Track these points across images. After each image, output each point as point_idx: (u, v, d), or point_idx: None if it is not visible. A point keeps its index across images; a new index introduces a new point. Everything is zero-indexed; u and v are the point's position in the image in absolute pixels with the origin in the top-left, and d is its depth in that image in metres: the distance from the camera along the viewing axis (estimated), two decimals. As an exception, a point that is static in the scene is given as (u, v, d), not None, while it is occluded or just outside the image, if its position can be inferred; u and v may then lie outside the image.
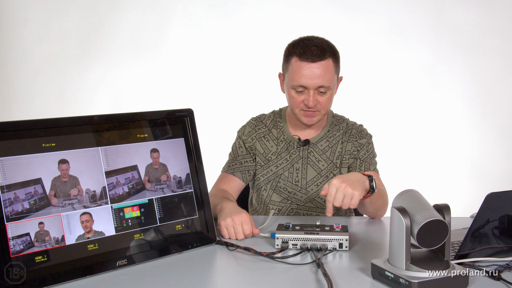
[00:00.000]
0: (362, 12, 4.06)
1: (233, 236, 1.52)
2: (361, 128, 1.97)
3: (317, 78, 1.74)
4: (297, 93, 1.79)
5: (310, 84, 1.75)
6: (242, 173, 1.92)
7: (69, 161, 1.27)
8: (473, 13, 4.01)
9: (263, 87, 4.26)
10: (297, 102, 1.80)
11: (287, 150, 1.93)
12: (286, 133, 1.95)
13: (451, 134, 4.16)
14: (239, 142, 1.98)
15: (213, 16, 4.24)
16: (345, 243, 1.41)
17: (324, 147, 1.92)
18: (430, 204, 1.18)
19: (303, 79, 1.75)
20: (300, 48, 1.76)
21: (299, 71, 1.75)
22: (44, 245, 1.21)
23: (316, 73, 1.74)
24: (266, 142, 1.95)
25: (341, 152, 1.92)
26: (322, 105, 1.79)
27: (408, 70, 4.09)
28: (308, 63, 1.74)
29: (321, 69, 1.74)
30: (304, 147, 1.92)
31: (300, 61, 1.75)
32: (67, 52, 4.42)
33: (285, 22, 4.16)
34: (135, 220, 1.36)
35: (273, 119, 1.99)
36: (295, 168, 1.91)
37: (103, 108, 4.33)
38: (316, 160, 1.91)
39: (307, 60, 1.74)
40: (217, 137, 3.88)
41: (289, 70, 1.80)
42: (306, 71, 1.74)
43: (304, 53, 1.75)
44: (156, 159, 1.42)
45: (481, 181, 4.09)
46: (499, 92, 4.11)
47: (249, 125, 1.99)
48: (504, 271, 1.23)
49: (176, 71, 4.32)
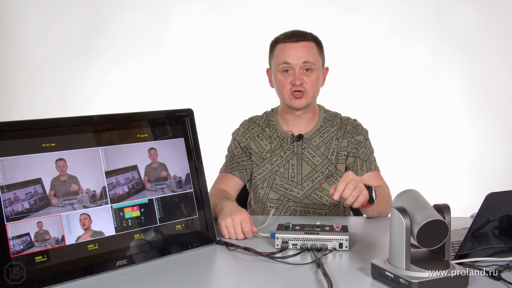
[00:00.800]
0: (362, 12, 4.06)
1: (233, 235, 1.52)
2: (356, 123, 1.98)
3: (301, 56, 1.82)
4: (284, 74, 1.85)
5: (294, 61, 1.82)
6: (240, 172, 1.94)
7: (65, 159, 1.27)
8: (473, 13, 4.01)
9: (263, 87, 4.26)
10: (284, 85, 1.85)
11: (281, 147, 1.94)
12: (279, 130, 1.97)
13: (451, 134, 4.15)
14: (234, 143, 2.00)
15: (213, 16, 4.24)
16: (345, 243, 1.41)
17: (318, 143, 1.93)
18: (430, 204, 1.18)
19: (287, 57, 1.82)
20: (284, 35, 1.88)
21: (283, 51, 1.84)
22: (44, 245, 1.21)
23: (300, 51, 1.82)
24: (260, 141, 1.97)
25: (335, 148, 1.93)
26: (309, 85, 1.84)
27: (408, 70, 4.09)
28: (291, 43, 1.83)
29: (304, 48, 1.83)
30: (298, 143, 1.93)
31: (283, 43, 1.85)
32: (67, 52, 4.42)
33: (285, 22, 4.15)
34: (135, 220, 1.36)
35: (265, 118, 2.02)
36: (291, 164, 1.93)
37: (103, 108, 4.33)
38: (311, 156, 1.93)
39: (290, 41, 1.84)
40: (217, 137, 3.88)
41: (274, 56, 1.88)
42: (290, 50, 1.83)
43: (287, 37, 1.86)
44: (154, 156, 1.42)
45: (481, 181, 4.09)
46: (499, 92, 4.11)
47: (242, 127, 2.02)
48: (504, 271, 1.23)
49: (176, 71, 4.32)
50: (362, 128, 1.97)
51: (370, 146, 1.96)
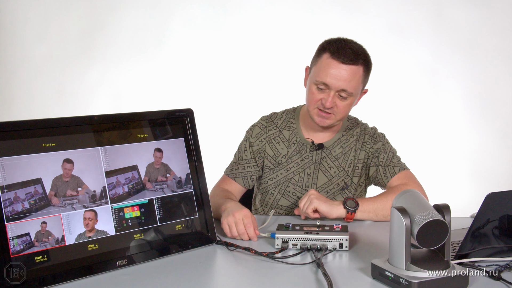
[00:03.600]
0: (362, 12, 4.07)
1: (235, 233, 1.50)
2: (373, 132, 1.91)
3: (342, 80, 1.69)
4: (318, 90, 1.73)
5: (333, 84, 1.69)
6: (243, 179, 1.88)
7: (74, 161, 1.27)
8: (473, 13, 4.02)
9: (263, 87, 4.27)
10: (314, 99, 1.75)
11: (299, 153, 1.87)
12: (299, 135, 1.88)
13: (451, 134, 4.16)
14: (245, 144, 1.91)
15: (213, 16, 4.24)
16: (345, 243, 1.41)
17: (338, 153, 1.87)
18: (430, 204, 1.18)
19: (328, 77, 1.69)
20: (335, 46, 1.71)
21: (326, 68, 1.70)
22: (44, 245, 1.21)
23: (342, 75, 1.69)
24: (276, 145, 1.89)
25: (353, 160, 1.87)
26: (339, 110, 1.74)
27: (408, 70, 4.09)
28: (338, 63, 1.69)
29: (349, 73, 1.69)
30: (318, 152, 1.86)
31: (331, 59, 1.70)
32: (67, 52, 4.42)
33: (285, 22, 4.17)
34: (135, 220, 1.36)
35: (285, 119, 1.92)
36: (306, 173, 1.86)
37: (103, 108, 4.33)
38: (329, 166, 1.86)
39: (338, 59, 1.69)
40: (217, 137, 3.89)
41: (317, 65, 1.75)
42: (334, 70, 1.69)
43: (337, 51, 1.69)
44: (159, 159, 1.42)
45: (481, 181, 4.09)
46: (499, 92, 4.11)
47: (258, 126, 1.92)
48: (504, 271, 1.23)
49: (176, 71, 4.32)
50: (378, 135, 1.90)
51: (390, 149, 1.88)
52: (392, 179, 1.83)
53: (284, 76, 4.15)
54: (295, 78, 4.24)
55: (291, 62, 4.15)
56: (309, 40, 4.22)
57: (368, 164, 1.88)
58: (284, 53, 4.17)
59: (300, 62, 4.07)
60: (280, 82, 4.18)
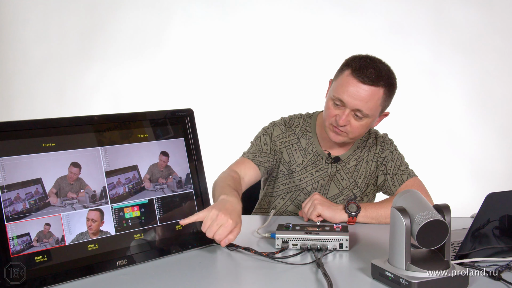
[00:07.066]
0: (362, 12, 4.06)
1: (211, 234, 1.34)
2: (381, 139, 1.89)
3: (359, 100, 1.64)
4: (334, 106, 1.69)
5: (349, 103, 1.65)
6: (265, 169, 1.84)
7: (82, 166, 1.27)
8: (473, 13, 4.02)
9: (263, 86, 4.27)
10: (330, 115, 1.71)
11: (314, 164, 1.85)
12: (316, 146, 1.85)
13: (451, 134, 4.16)
14: (266, 138, 1.86)
15: (213, 16, 4.25)
16: (345, 243, 1.41)
17: (351, 165, 1.85)
18: (430, 204, 1.18)
19: (345, 94, 1.65)
20: (358, 64, 1.66)
21: (345, 85, 1.65)
22: (44, 245, 1.21)
23: (360, 94, 1.64)
24: (294, 152, 1.86)
25: (364, 172, 1.86)
26: (352, 129, 1.70)
27: (408, 70, 4.09)
28: (357, 82, 1.64)
29: (367, 94, 1.64)
30: (333, 164, 1.85)
31: (351, 76, 1.65)
32: (67, 52, 4.42)
33: (285, 22, 4.17)
34: (135, 220, 1.36)
35: (302, 126, 1.89)
36: (320, 185, 1.85)
37: (103, 108, 4.33)
38: (341, 178, 1.85)
39: (358, 78, 1.64)
40: (217, 137, 3.89)
41: (338, 80, 1.71)
42: (352, 88, 1.64)
43: (359, 69, 1.64)
44: (164, 163, 1.42)
45: (481, 181, 4.09)
46: (499, 92, 4.11)
47: (279, 127, 1.88)
48: (504, 271, 1.23)
49: (176, 71, 4.32)
50: (387, 142, 1.88)
51: (398, 156, 1.86)
52: (401, 187, 1.82)
53: (284, 76, 4.16)
54: (295, 78, 4.25)
55: (291, 62, 4.16)
56: (309, 40, 4.23)
57: (376, 173, 1.88)
58: (284, 53, 4.17)
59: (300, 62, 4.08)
60: (280, 82, 4.18)
